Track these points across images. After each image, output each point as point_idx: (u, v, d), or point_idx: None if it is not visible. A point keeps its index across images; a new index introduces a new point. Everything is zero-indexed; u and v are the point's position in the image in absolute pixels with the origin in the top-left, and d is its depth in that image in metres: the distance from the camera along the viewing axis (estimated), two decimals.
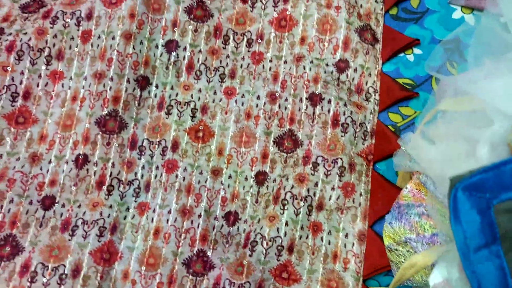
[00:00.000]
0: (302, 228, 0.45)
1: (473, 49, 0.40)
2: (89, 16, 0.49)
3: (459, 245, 0.27)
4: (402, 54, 0.50)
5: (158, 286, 0.44)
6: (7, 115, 0.47)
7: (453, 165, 0.32)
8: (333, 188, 0.45)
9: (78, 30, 0.49)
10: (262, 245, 0.44)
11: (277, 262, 0.44)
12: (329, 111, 0.47)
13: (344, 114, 0.47)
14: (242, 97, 0.50)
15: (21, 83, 0.48)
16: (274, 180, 0.47)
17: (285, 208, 0.45)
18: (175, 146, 0.48)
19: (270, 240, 0.44)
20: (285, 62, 0.50)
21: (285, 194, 0.46)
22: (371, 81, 0.49)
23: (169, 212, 0.45)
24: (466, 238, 0.27)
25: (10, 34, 0.48)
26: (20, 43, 0.48)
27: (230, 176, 0.47)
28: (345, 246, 0.45)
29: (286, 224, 0.45)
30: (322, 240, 0.45)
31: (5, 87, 0.47)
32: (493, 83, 0.35)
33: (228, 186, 0.47)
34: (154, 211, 0.46)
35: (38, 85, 0.48)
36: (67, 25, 0.49)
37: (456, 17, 0.50)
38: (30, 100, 0.48)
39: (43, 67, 0.48)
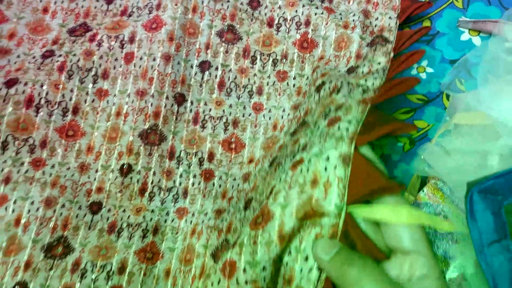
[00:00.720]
0: (286, 173, 0.39)
1: (481, 69, 0.45)
2: (131, 39, 0.54)
3: (474, 240, 0.32)
4: (415, 72, 0.55)
5: (192, 279, 0.48)
6: (59, 128, 0.52)
7: (468, 173, 0.37)
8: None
9: (122, 52, 0.54)
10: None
11: (254, 214, 0.40)
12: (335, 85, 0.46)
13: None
14: (269, 112, 0.55)
15: (70, 99, 0.52)
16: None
17: (279, 168, 0.43)
18: (211, 157, 0.53)
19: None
20: (307, 78, 0.55)
21: (284, 160, 0.44)
22: (381, 66, 0.47)
23: (206, 214, 0.50)
24: (481, 234, 0.32)
25: (61, 55, 0.53)
26: (70, 64, 0.53)
27: (255, 175, 0.52)
28: (326, 170, 0.36)
29: (279, 180, 0.40)
30: (301, 171, 0.37)
31: (57, 103, 0.52)
32: (499, 102, 0.40)
33: (251, 182, 0.51)
34: (193, 215, 0.50)
35: (85, 102, 0.53)
36: (111, 48, 0.54)
37: (464, 39, 0.55)
38: (78, 115, 0.53)
39: (90, 85, 0.53)
